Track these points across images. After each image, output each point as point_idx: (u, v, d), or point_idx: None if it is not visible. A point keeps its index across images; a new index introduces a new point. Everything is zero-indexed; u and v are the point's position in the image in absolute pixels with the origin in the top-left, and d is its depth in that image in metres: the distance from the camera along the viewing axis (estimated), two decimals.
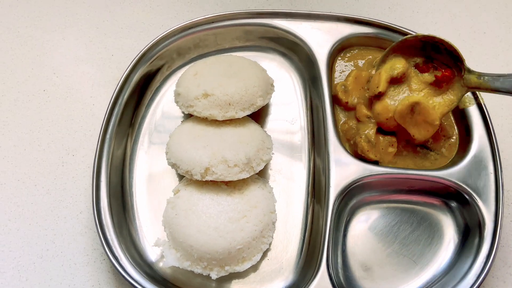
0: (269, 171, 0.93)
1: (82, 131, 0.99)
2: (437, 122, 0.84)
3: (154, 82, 1.00)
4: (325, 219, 0.82)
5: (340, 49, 0.99)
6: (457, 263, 0.82)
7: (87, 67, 1.05)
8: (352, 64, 0.98)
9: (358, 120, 0.91)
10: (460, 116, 0.92)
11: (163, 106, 0.98)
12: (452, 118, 0.93)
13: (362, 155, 0.87)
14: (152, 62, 0.97)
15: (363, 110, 0.90)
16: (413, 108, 0.85)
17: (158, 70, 1.00)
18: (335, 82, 0.96)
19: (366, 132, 0.88)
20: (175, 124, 0.94)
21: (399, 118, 0.85)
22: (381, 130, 0.89)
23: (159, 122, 0.97)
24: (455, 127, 0.92)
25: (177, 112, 0.98)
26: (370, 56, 0.98)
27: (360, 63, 0.98)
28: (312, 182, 0.91)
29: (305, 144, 0.95)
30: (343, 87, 0.93)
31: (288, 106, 0.99)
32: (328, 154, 0.86)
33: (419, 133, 0.85)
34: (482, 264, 0.79)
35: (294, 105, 0.99)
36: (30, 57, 1.06)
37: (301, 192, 0.91)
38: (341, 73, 0.98)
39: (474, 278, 0.78)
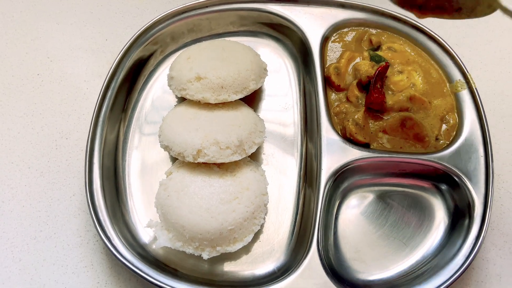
0: (262, 155, 0.94)
1: (76, 114, 1.00)
2: (428, 139, 0.87)
3: (147, 67, 1.00)
4: (316, 202, 0.83)
5: (333, 34, 1.00)
6: (447, 244, 0.84)
7: (81, 52, 1.06)
8: (342, 46, 0.99)
9: (349, 101, 0.92)
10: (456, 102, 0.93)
11: (157, 90, 0.99)
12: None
13: (351, 138, 0.89)
14: (145, 46, 0.98)
15: (355, 91, 0.91)
16: (404, 123, 0.87)
17: (151, 55, 1.01)
18: (327, 64, 0.96)
19: (355, 116, 0.89)
20: (169, 107, 0.95)
21: (390, 131, 0.88)
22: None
23: (152, 105, 0.98)
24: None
25: (171, 96, 0.99)
26: (355, 33, 0.99)
27: (349, 37, 0.98)
28: (304, 166, 0.92)
29: (298, 129, 0.96)
30: (336, 69, 0.93)
31: (281, 90, 1.00)
32: (320, 138, 0.87)
33: (409, 149, 0.88)
34: (472, 245, 0.80)
35: (287, 90, 1.00)
36: (25, 42, 1.07)
37: (293, 176, 0.92)
38: (334, 53, 0.98)
39: (463, 259, 0.79)
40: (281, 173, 0.92)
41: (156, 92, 0.99)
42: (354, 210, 0.88)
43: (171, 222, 0.79)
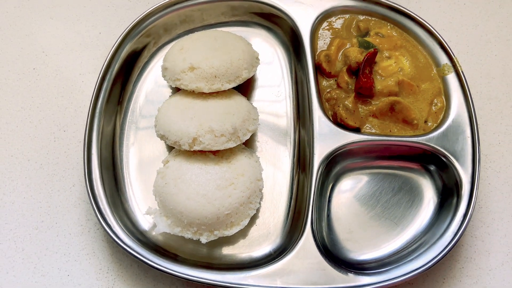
0: (256, 143, 0.96)
1: (73, 107, 1.02)
2: (417, 122, 0.89)
3: (141, 58, 1.02)
4: (310, 186, 0.85)
5: (322, 22, 1.02)
6: (436, 222, 0.87)
7: (75, 46, 1.08)
8: (332, 33, 1.01)
9: (339, 87, 0.94)
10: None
11: (151, 81, 1.01)
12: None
13: (342, 123, 0.91)
14: (139, 38, 1.00)
15: (345, 77, 0.93)
16: (393, 106, 0.89)
17: (145, 47, 1.02)
18: (318, 52, 0.98)
19: (345, 101, 0.91)
20: (163, 98, 0.97)
21: (379, 115, 0.90)
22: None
23: (147, 97, 1.00)
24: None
25: (165, 87, 1.01)
26: (344, 20, 1.00)
27: (338, 24, 1.00)
28: (297, 153, 0.95)
29: (291, 116, 0.98)
30: (326, 56, 0.96)
31: (273, 79, 1.02)
32: (312, 124, 0.89)
33: (398, 132, 0.90)
34: (460, 222, 0.83)
35: (279, 78, 1.02)
36: (19, 37, 1.09)
37: (287, 162, 0.94)
38: (324, 40, 1.00)
39: (452, 235, 0.82)
40: (275, 159, 0.95)
41: (151, 83, 1.01)
42: (347, 192, 0.91)
43: (169, 209, 0.82)
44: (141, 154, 0.95)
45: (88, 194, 0.84)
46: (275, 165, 0.94)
